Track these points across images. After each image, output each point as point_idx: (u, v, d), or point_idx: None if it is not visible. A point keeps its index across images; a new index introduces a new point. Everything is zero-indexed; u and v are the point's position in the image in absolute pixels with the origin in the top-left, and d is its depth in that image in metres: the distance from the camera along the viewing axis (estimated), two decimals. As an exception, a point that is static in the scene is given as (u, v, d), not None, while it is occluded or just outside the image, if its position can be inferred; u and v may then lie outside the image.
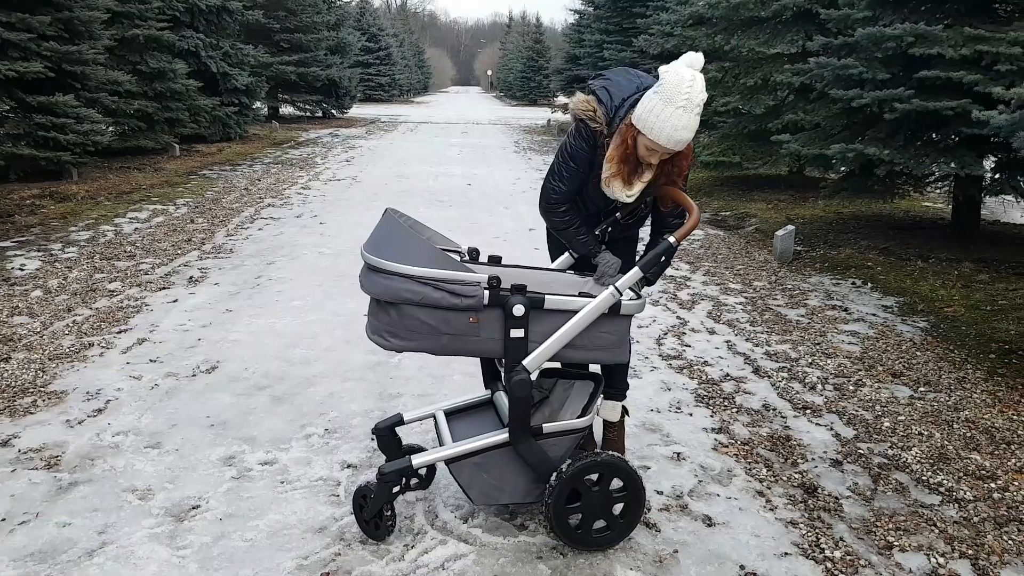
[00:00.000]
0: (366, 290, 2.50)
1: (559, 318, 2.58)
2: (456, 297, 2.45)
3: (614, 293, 2.58)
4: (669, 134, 2.58)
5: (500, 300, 2.51)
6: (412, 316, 2.46)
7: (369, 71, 38.44)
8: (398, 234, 2.52)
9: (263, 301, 5.62)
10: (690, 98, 2.55)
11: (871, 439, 3.64)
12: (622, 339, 2.67)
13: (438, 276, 2.43)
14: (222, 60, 16.32)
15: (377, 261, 2.44)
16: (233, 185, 11.26)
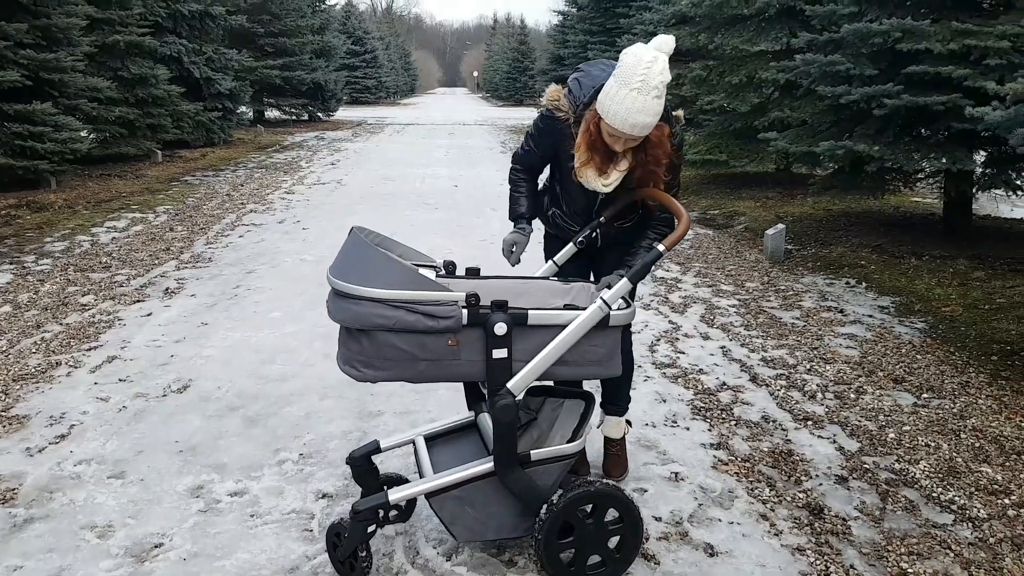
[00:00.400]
0: (334, 318, 2.31)
1: (545, 334, 2.39)
2: (432, 319, 2.26)
3: (602, 307, 2.40)
4: (624, 117, 2.45)
5: (480, 319, 2.32)
6: (386, 343, 2.27)
7: (355, 74, 38.19)
8: (365, 254, 2.33)
9: (240, 313, 5.41)
10: (646, 79, 2.41)
11: (876, 452, 3.47)
12: (612, 352, 2.49)
13: (411, 298, 2.24)
14: (205, 65, 16.07)
15: (344, 286, 2.25)
16: (215, 191, 11.03)
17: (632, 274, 2.46)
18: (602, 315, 2.40)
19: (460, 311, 2.29)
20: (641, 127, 2.48)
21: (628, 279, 2.46)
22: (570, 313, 2.40)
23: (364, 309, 2.23)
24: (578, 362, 2.44)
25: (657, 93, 2.44)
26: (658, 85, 2.44)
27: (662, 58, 2.47)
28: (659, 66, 2.44)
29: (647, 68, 2.43)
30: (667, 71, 2.47)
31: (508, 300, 2.65)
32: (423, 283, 2.29)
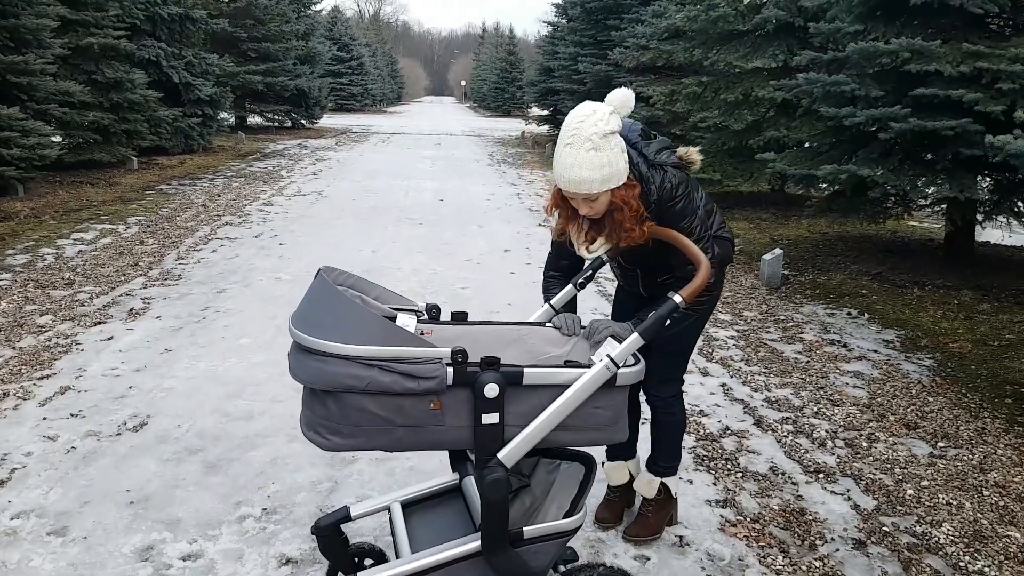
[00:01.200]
0: (296, 376, 1.99)
1: (542, 395, 2.09)
2: (412, 380, 1.94)
3: (610, 366, 2.09)
4: (559, 172, 2.29)
5: (468, 378, 2.01)
6: (357, 407, 1.95)
7: (341, 81, 37.85)
8: (334, 302, 2.01)
9: (207, 338, 5.06)
10: (578, 133, 2.24)
11: (895, 511, 3.18)
12: (619, 414, 2.18)
13: (387, 355, 1.92)
14: (185, 70, 15.69)
15: (309, 340, 1.93)
16: (190, 201, 10.65)
17: (644, 329, 2.16)
18: (609, 375, 2.09)
19: (445, 370, 1.98)
20: (578, 182, 2.26)
21: (639, 334, 2.15)
22: (571, 371, 2.09)
23: (331, 368, 1.91)
24: (579, 427, 2.13)
25: (592, 146, 2.23)
26: (591, 137, 2.23)
27: (602, 110, 2.28)
28: (596, 117, 2.26)
29: (580, 122, 2.26)
30: (610, 121, 2.26)
31: (500, 351, 2.36)
32: (401, 337, 1.97)
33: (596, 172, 2.25)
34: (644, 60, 13.25)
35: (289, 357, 2.04)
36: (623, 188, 2.32)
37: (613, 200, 2.33)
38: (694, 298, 2.20)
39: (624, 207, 2.34)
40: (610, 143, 2.25)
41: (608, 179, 2.27)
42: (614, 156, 2.27)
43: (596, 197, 2.32)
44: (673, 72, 14.63)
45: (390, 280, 6.63)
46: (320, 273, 2.13)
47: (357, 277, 2.35)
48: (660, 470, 2.89)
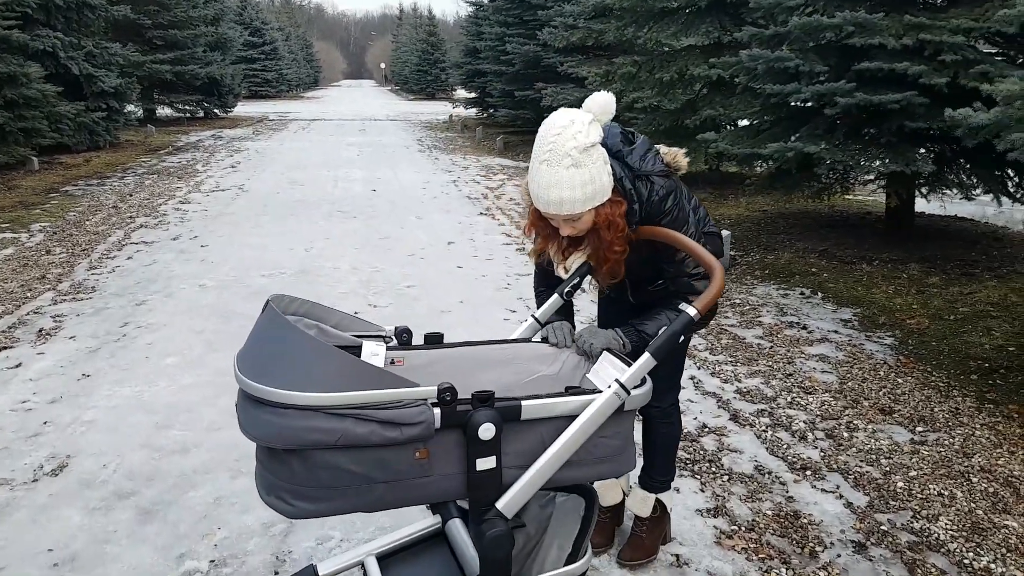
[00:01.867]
0: (249, 434, 1.65)
1: (543, 429, 1.82)
2: (393, 428, 1.64)
3: (620, 393, 1.84)
4: (536, 193, 2.05)
5: (458, 419, 1.72)
6: (327, 465, 1.64)
7: (254, 67, 36.50)
8: (289, 340, 1.68)
9: (129, 359, 4.61)
10: (555, 148, 1.97)
11: (888, 507, 3.04)
12: (627, 441, 1.94)
13: (362, 401, 1.62)
14: (85, 61, 14.67)
15: (261, 390, 1.61)
16: (100, 203, 9.92)
17: (657, 348, 1.90)
18: (619, 402, 1.84)
19: (431, 412, 1.69)
20: (559, 203, 2.01)
21: (652, 355, 1.90)
22: (575, 400, 1.83)
23: (292, 422, 1.60)
24: (585, 461, 1.87)
25: (572, 162, 1.97)
26: (571, 152, 1.97)
27: (581, 120, 2.01)
28: (574, 129, 1.99)
29: (557, 135, 1.99)
30: (591, 133, 2.00)
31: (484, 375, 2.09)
32: (376, 378, 1.67)
33: (578, 191, 1.99)
34: (574, 40, 13.02)
35: (237, 410, 1.70)
36: (608, 205, 2.08)
37: (597, 219, 2.09)
38: (708, 308, 1.95)
39: (609, 226, 2.10)
40: (592, 157, 2.00)
41: (592, 197, 2.02)
42: (597, 171, 2.01)
43: (579, 217, 2.07)
44: (603, 52, 14.47)
45: (328, 281, 6.26)
46: (269, 304, 1.80)
47: (311, 303, 2.02)
48: (655, 486, 2.66)
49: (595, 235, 2.13)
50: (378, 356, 2.04)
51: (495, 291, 6.05)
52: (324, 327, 2.03)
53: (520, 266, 6.80)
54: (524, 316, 5.40)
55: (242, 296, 5.85)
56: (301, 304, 2.00)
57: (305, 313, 2.01)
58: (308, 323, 2.01)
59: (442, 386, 1.70)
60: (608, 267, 2.18)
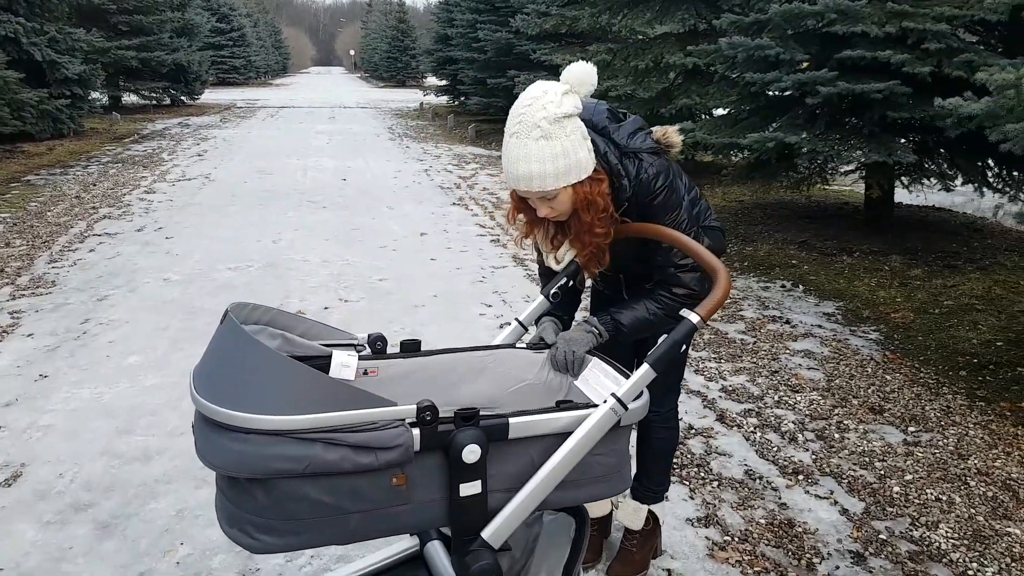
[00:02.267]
0: (208, 461, 1.48)
1: (533, 448, 1.66)
2: (368, 452, 1.48)
3: (617, 408, 1.68)
4: (506, 167, 1.92)
5: (440, 440, 1.56)
6: (295, 496, 1.47)
7: (222, 53, 35.82)
8: (250, 355, 1.50)
9: (89, 358, 4.38)
10: (524, 119, 1.85)
11: (885, 513, 2.93)
12: (623, 459, 1.79)
13: (333, 423, 1.45)
14: (48, 47, 14.18)
15: (220, 412, 1.43)
16: (62, 193, 9.57)
17: (657, 359, 1.75)
18: (615, 419, 1.68)
19: (409, 434, 1.52)
20: (528, 178, 1.87)
21: (651, 366, 1.74)
22: (567, 416, 1.67)
23: (255, 448, 1.42)
24: (577, 482, 1.72)
25: (541, 133, 1.83)
26: (540, 123, 1.83)
27: (554, 90, 1.87)
28: (545, 99, 1.85)
29: (527, 106, 1.86)
30: (563, 103, 1.86)
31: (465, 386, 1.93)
32: (347, 397, 1.49)
33: (549, 164, 1.84)
34: (547, 27, 12.83)
35: (194, 433, 1.52)
36: (587, 183, 1.93)
37: (575, 198, 1.94)
38: (712, 314, 1.80)
39: (590, 206, 1.94)
40: (564, 129, 1.85)
41: (566, 172, 1.87)
42: (571, 144, 1.86)
43: (554, 195, 1.92)
44: (576, 39, 14.30)
45: (297, 274, 6.04)
46: (228, 315, 1.62)
47: (276, 311, 1.84)
48: (648, 496, 2.51)
49: (575, 217, 1.99)
50: (349, 368, 1.87)
51: (470, 284, 5.88)
52: (290, 336, 1.85)
53: (495, 258, 6.63)
54: (500, 311, 5.25)
55: (208, 291, 5.62)
56: (264, 312, 1.82)
57: (269, 322, 1.83)
58: (272, 332, 1.83)
59: (421, 404, 1.54)
60: (589, 252, 2.03)
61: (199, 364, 1.61)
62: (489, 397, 2.03)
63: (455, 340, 4.69)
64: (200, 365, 1.60)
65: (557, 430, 1.66)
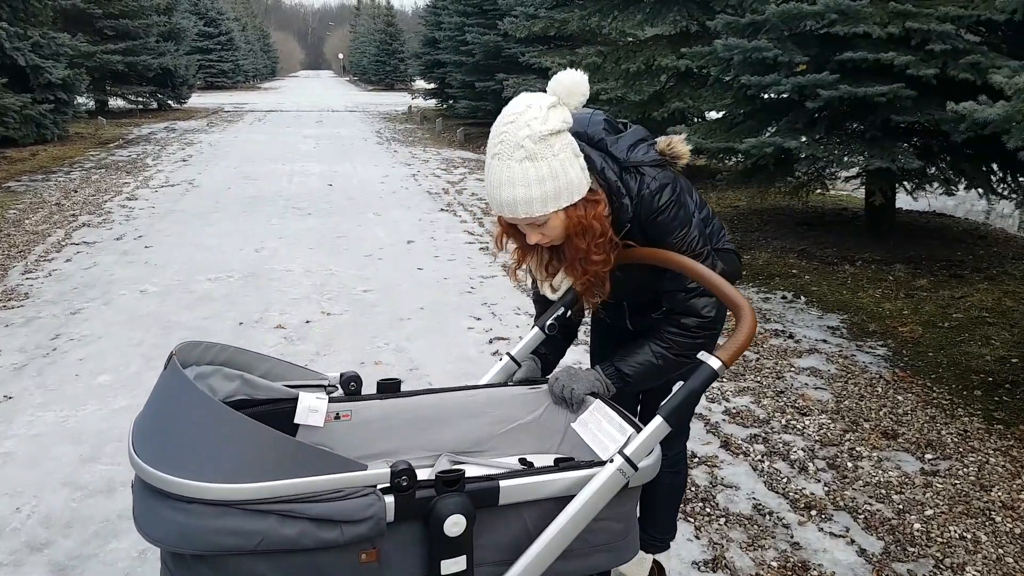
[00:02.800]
0: (147, 534, 1.26)
1: (527, 515, 1.45)
2: (331, 527, 1.26)
3: (625, 469, 1.46)
4: (490, 193, 1.73)
5: (418, 508, 1.34)
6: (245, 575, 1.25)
7: (209, 57, 35.50)
8: (195, 411, 1.29)
9: (57, 377, 4.13)
10: (505, 139, 1.66)
11: (907, 555, 2.71)
12: (630, 524, 1.57)
13: (289, 492, 1.23)
14: (32, 51, 13.90)
15: (162, 479, 1.21)
16: (43, 200, 9.28)
17: (671, 411, 1.53)
18: (623, 481, 1.46)
19: (381, 503, 1.30)
20: (512, 204, 1.68)
21: (665, 420, 1.52)
22: (568, 477, 1.45)
23: (200, 521, 1.21)
24: (578, 551, 1.50)
25: (525, 154, 1.63)
26: (524, 143, 1.63)
27: (539, 103, 1.66)
28: (529, 115, 1.64)
29: (509, 123, 1.65)
30: (549, 118, 1.65)
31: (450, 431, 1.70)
32: (308, 459, 1.28)
33: (535, 188, 1.64)
34: (535, 30, 12.62)
35: (133, 497, 1.30)
36: (581, 205, 1.72)
37: (568, 223, 1.72)
38: (736, 358, 1.57)
39: (585, 231, 1.72)
40: (551, 147, 1.64)
41: (555, 196, 1.66)
42: (560, 164, 1.65)
43: (544, 220, 1.71)
44: (565, 42, 14.10)
45: (279, 285, 5.80)
46: (172, 360, 1.39)
47: (233, 349, 1.62)
48: (654, 545, 2.30)
49: (569, 244, 1.78)
50: (318, 412, 1.66)
51: (458, 296, 5.65)
52: (249, 378, 1.63)
53: (484, 267, 6.41)
54: (489, 324, 5.03)
55: (185, 303, 5.37)
56: (220, 351, 1.60)
57: (225, 361, 1.61)
58: (229, 373, 1.61)
59: (396, 467, 1.31)
60: (587, 281, 1.82)
61: (140, 415, 1.39)
62: (476, 440, 1.81)
63: (443, 356, 4.47)
64: (141, 417, 1.37)
65: (555, 493, 1.44)
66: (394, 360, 4.40)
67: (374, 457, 1.72)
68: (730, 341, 1.57)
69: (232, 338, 4.68)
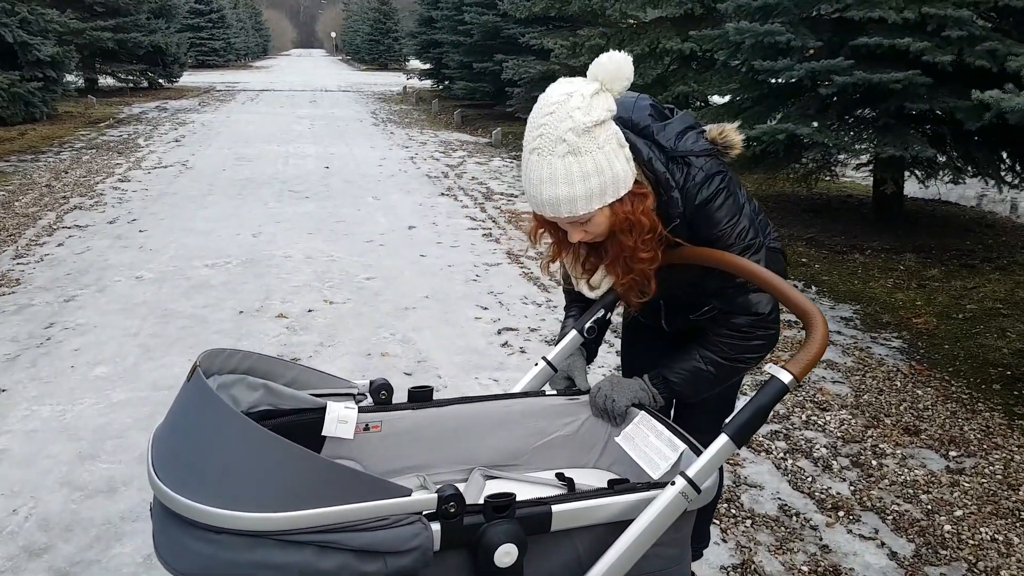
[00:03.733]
0: (171, 567, 1.15)
1: (580, 541, 1.34)
2: (373, 559, 1.15)
3: (687, 492, 1.36)
4: (529, 192, 1.59)
5: (465, 536, 1.23)
6: None
7: (200, 35, 35.03)
8: (224, 429, 1.17)
9: (52, 369, 4.01)
10: (546, 132, 1.51)
11: (939, 557, 2.63)
12: (685, 550, 1.48)
13: (329, 520, 1.12)
14: (20, 28, 13.62)
15: (187, 506, 1.11)
16: (32, 181, 9.09)
17: (738, 429, 1.41)
18: (684, 505, 1.36)
19: (428, 532, 1.19)
20: (555, 203, 1.54)
21: (732, 439, 1.41)
22: (624, 501, 1.35)
23: (229, 553, 1.10)
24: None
25: (568, 148, 1.50)
26: (567, 136, 1.49)
27: (582, 91, 1.52)
28: (571, 105, 1.50)
29: (549, 114, 1.51)
30: (593, 107, 1.52)
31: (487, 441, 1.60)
32: (350, 484, 1.17)
33: (579, 186, 1.51)
34: (536, 10, 12.42)
35: (153, 524, 1.19)
36: (627, 200, 1.59)
37: (614, 220, 1.60)
38: (807, 372, 1.46)
39: (631, 228, 1.60)
40: (596, 140, 1.51)
41: (601, 192, 1.54)
42: (605, 158, 1.53)
43: (588, 218, 1.58)
44: (566, 23, 13.89)
45: (279, 272, 5.67)
46: (197, 371, 1.28)
47: (256, 356, 1.50)
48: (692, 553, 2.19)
49: (613, 241, 1.65)
50: (347, 423, 1.54)
51: (464, 284, 5.54)
52: (273, 387, 1.52)
53: (488, 255, 6.30)
54: (497, 314, 4.92)
55: (183, 290, 5.24)
56: (243, 358, 1.48)
57: (248, 369, 1.49)
58: (252, 383, 1.50)
59: (443, 492, 1.21)
60: (629, 282, 1.70)
61: (160, 428, 1.28)
62: (511, 453, 1.71)
63: (451, 347, 4.37)
64: (161, 429, 1.26)
65: (610, 519, 1.33)
66: (401, 352, 4.29)
67: (404, 471, 1.62)
68: (801, 353, 1.45)
69: (232, 328, 4.56)
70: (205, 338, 4.39)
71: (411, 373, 4.01)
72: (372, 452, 1.59)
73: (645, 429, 1.59)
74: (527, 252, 6.34)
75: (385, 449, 1.60)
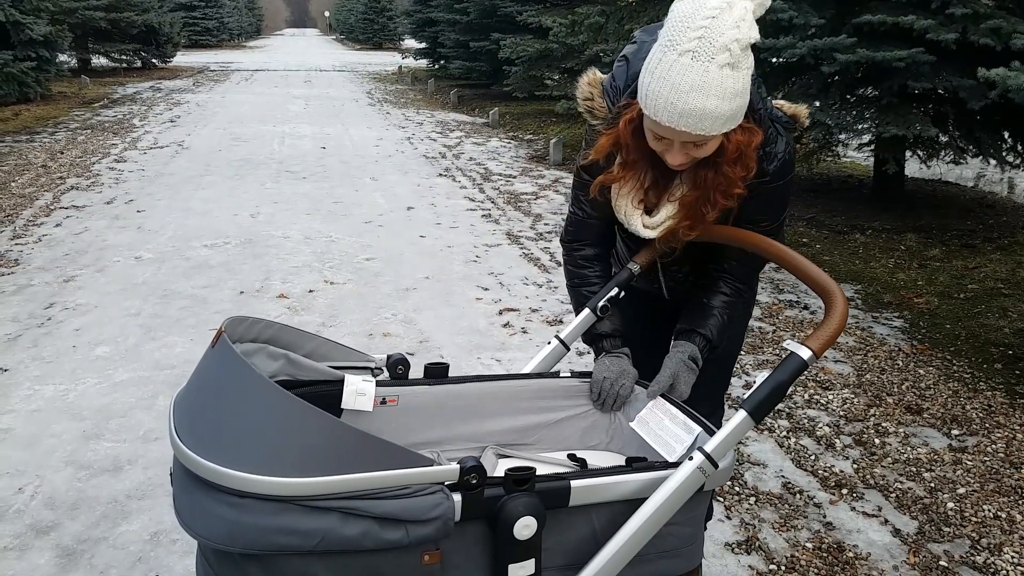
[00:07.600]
0: (191, 528, 1.15)
1: (597, 516, 1.34)
2: (395, 527, 1.15)
3: (705, 467, 1.35)
4: (669, 100, 1.40)
5: (485, 508, 1.23)
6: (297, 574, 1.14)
7: (194, 14, 34.69)
8: (251, 394, 1.17)
9: (54, 349, 3.99)
10: (706, 36, 1.37)
11: (942, 535, 2.65)
12: (698, 529, 1.47)
13: (354, 487, 1.12)
14: (12, 7, 13.48)
15: (210, 469, 1.10)
16: (28, 162, 9.03)
17: (757, 406, 1.41)
18: (701, 481, 1.36)
19: (450, 502, 1.19)
20: (699, 116, 1.40)
21: (750, 415, 1.41)
22: (642, 478, 1.35)
23: (253, 518, 1.10)
24: (646, 556, 1.39)
25: (728, 59, 1.37)
26: (730, 46, 1.37)
27: (741, 4, 1.40)
28: (734, 16, 1.38)
29: (711, 17, 1.37)
30: (752, 26, 1.41)
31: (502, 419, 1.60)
32: (375, 452, 1.16)
33: (727, 103, 1.40)
34: (534, -13, 12.34)
35: (173, 488, 1.19)
36: (740, 131, 1.50)
37: (727, 148, 1.50)
38: (827, 348, 1.45)
39: (739, 159, 1.51)
40: (749, 60, 1.43)
41: (735, 115, 1.45)
42: (747, 82, 1.44)
43: (706, 142, 1.49)
44: (564, 1, 13.79)
45: (278, 252, 5.65)
46: (223, 336, 1.27)
47: (278, 326, 1.49)
48: None
49: (710, 169, 1.53)
50: (366, 396, 1.54)
51: (464, 265, 5.52)
52: (294, 357, 1.51)
53: (488, 235, 6.28)
54: (498, 295, 4.92)
55: (182, 271, 5.22)
56: (265, 327, 1.47)
57: (269, 339, 1.49)
58: (273, 352, 1.49)
59: (465, 464, 1.20)
60: (695, 222, 1.60)
61: (183, 392, 1.27)
62: (522, 432, 1.71)
63: (452, 327, 4.36)
64: (184, 395, 1.25)
65: (627, 495, 1.33)
66: (402, 332, 4.29)
67: (418, 447, 1.61)
68: (821, 330, 1.44)
69: (233, 308, 4.55)
70: (206, 318, 4.38)
71: (414, 353, 4.01)
72: (388, 426, 1.59)
73: (660, 413, 1.59)
74: (527, 234, 6.33)
75: (401, 423, 1.59)
